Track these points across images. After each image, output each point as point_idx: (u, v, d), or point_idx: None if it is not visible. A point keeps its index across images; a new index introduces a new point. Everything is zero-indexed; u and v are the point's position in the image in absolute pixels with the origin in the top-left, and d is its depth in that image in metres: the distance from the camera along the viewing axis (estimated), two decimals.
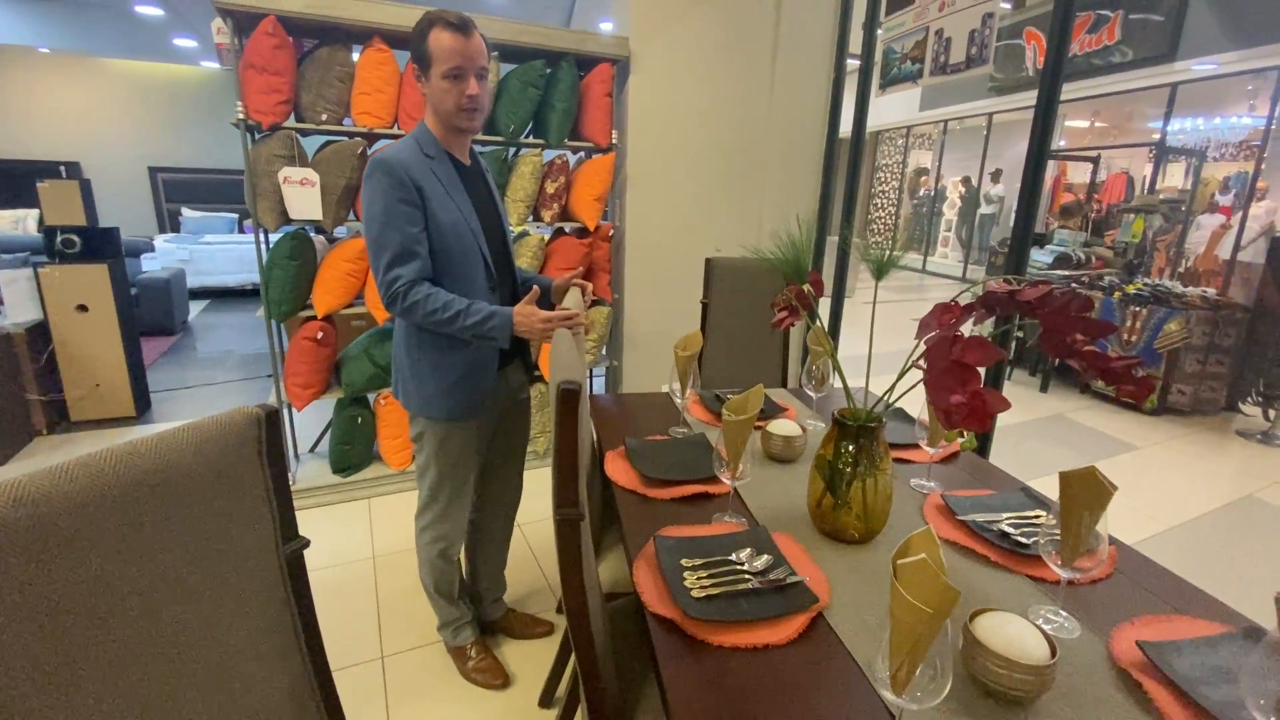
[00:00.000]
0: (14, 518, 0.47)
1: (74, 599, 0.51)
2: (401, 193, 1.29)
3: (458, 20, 1.27)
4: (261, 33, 2.06)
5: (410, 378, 1.45)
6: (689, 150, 2.84)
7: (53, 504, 0.50)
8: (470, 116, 1.34)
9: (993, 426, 1.77)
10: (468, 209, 1.39)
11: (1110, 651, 0.84)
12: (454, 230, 1.36)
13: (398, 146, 1.34)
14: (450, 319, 1.30)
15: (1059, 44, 1.73)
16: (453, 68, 1.28)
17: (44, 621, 0.50)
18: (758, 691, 0.76)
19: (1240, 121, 7.11)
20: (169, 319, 5.24)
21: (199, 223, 7.33)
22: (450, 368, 1.43)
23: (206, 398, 3.78)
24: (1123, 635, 0.87)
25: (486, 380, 1.47)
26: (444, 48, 1.27)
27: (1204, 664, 0.79)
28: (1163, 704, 0.74)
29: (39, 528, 0.49)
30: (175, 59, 7.26)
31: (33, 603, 0.49)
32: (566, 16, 5.75)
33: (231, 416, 0.64)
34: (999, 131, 10.05)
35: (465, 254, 1.38)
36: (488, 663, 1.67)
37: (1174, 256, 7.31)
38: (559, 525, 0.79)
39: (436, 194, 1.34)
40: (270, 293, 2.32)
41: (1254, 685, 0.63)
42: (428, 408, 1.45)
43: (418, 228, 1.31)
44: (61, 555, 0.50)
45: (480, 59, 1.30)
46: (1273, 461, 3.27)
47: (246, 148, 2.21)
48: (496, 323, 1.32)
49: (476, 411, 1.49)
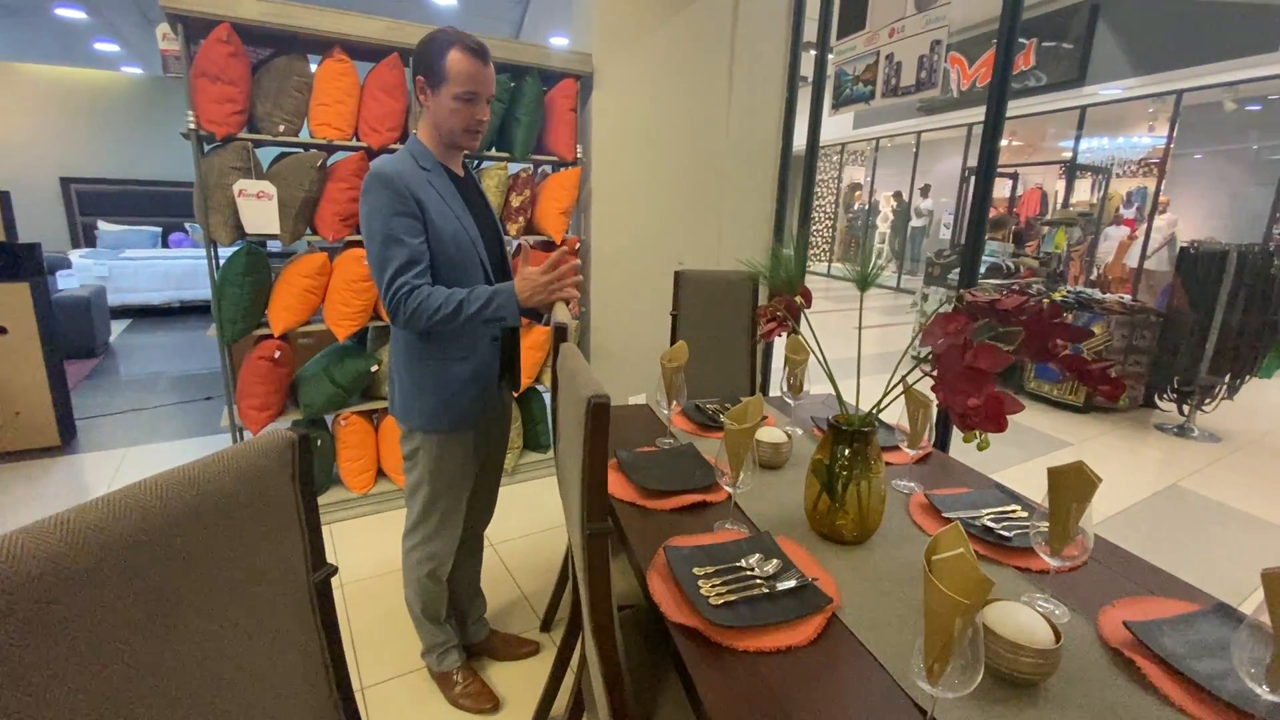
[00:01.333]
0: (66, 554, 0.45)
1: (121, 636, 0.49)
2: (400, 205, 1.28)
3: (477, 46, 1.29)
4: (215, 40, 1.98)
5: (411, 392, 1.42)
6: (651, 164, 2.89)
7: (104, 538, 0.47)
8: (474, 138, 1.37)
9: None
10: (466, 219, 1.39)
11: (1100, 633, 0.91)
12: (455, 240, 1.36)
13: (393, 159, 1.33)
14: (454, 311, 1.28)
15: (1003, 69, 1.87)
16: (467, 91, 1.30)
17: (91, 661, 0.47)
18: (788, 692, 0.79)
19: (1141, 141, 7.78)
20: (90, 340, 4.88)
21: (118, 237, 6.87)
22: (453, 378, 1.42)
23: (140, 424, 3.54)
24: (1109, 617, 0.94)
25: (490, 387, 1.47)
26: (462, 71, 1.28)
27: (1186, 640, 0.87)
28: (1155, 678, 0.81)
29: (90, 564, 0.46)
30: (95, 64, 6.81)
31: (82, 642, 0.46)
32: (516, 29, 5.75)
33: (269, 440, 0.61)
34: (927, 149, 10.63)
35: (467, 263, 1.39)
36: (476, 687, 1.63)
37: (1086, 265, 7.91)
38: (589, 540, 0.79)
39: (435, 205, 1.34)
40: (223, 310, 2.21)
41: (1243, 656, 0.70)
42: (432, 421, 1.42)
43: (419, 239, 1.31)
44: (110, 592, 0.48)
45: (492, 86, 1.34)
46: (1190, 453, 3.58)
47: (198, 159, 2.11)
48: (501, 299, 1.29)
49: (478, 421, 1.48)
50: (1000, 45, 1.87)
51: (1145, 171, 7.90)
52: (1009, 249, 5.70)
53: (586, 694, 1.25)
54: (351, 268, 2.31)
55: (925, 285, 5.48)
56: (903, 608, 0.95)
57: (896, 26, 2.29)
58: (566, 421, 0.98)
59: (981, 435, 0.77)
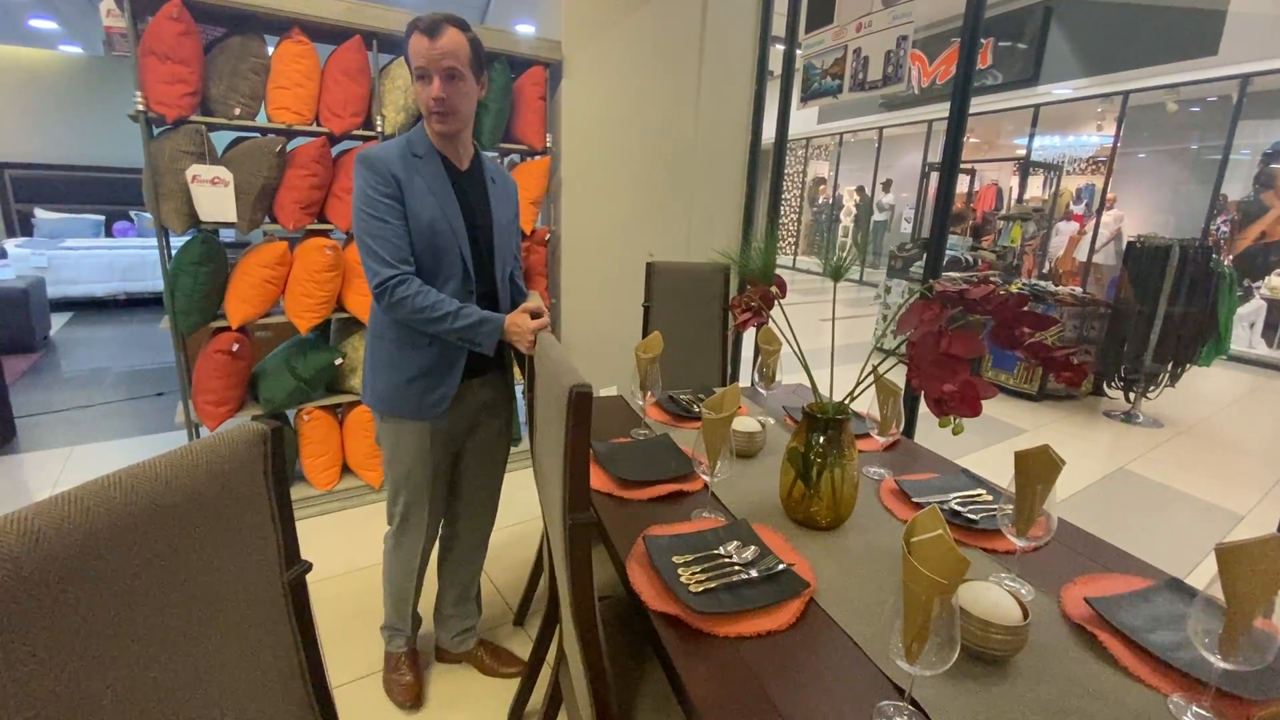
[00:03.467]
0: (24, 555, 0.42)
1: (86, 637, 0.46)
2: (382, 186, 1.29)
3: (428, 23, 1.26)
4: (165, 17, 1.88)
5: (370, 372, 1.44)
6: (621, 155, 2.87)
7: (65, 537, 0.44)
8: (440, 119, 1.31)
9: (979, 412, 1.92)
10: (452, 210, 1.36)
11: (1063, 609, 0.94)
12: (431, 229, 1.33)
13: (386, 143, 1.35)
14: (439, 318, 1.31)
15: (967, 65, 1.91)
16: (418, 68, 1.28)
17: (56, 665, 0.44)
18: (769, 675, 0.80)
19: (1090, 139, 8.08)
20: (28, 334, 4.63)
21: (57, 225, 6.52)
22: (406, 365, 1.39)
23: (84, 422, 3.38)
24: (1071, 594, 0.97)
25: (447, 385, 1.42)
26: (414, 50, 1.27)
27: (1142, 614, 0.91)
28: (1115, 650, 0.84)
29: (51, 563, 0.43)
30: (31, 42, 6.41)
31: (45, 646, 0.43)
32: (480, 15, 5.63)
33: (239, 434, 0.59)
34: (889, 145, 10.85)
35: (442, 254, 1.36)
36: (408, 679, 1.61)
37: (1039, 259, 8.20)
38: (572, 530, 0.79)
39: (417, 191, 1.32)
40: (177, 301, 2.11)
41: (1197, 628, 0.73)
42: (378, 403, 1.44)
43: (401, 221, 1.31)
44: (74, 592, 0.45)
45: (448, 59, 1.27)
46: (1136, 438, 3.75)
47: (147, 142, 2.01)
48: (487, 329, 1.33)
49: (429, 414, 1.43)
50: (964, 43, 1.91)
51: (1094, 169, 8.21)
52: (967, 242, 5.86)
53: (565, 688, 1.25)
54: (313, 258, 2.24)
55: (888, 278, 5.60)
56: (878, 590, 0.97)
57: (864, 21, 2.32)
58: (546, 412, 0.97)
59: (956, 420, 0.79)
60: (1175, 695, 0.77)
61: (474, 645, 1.73)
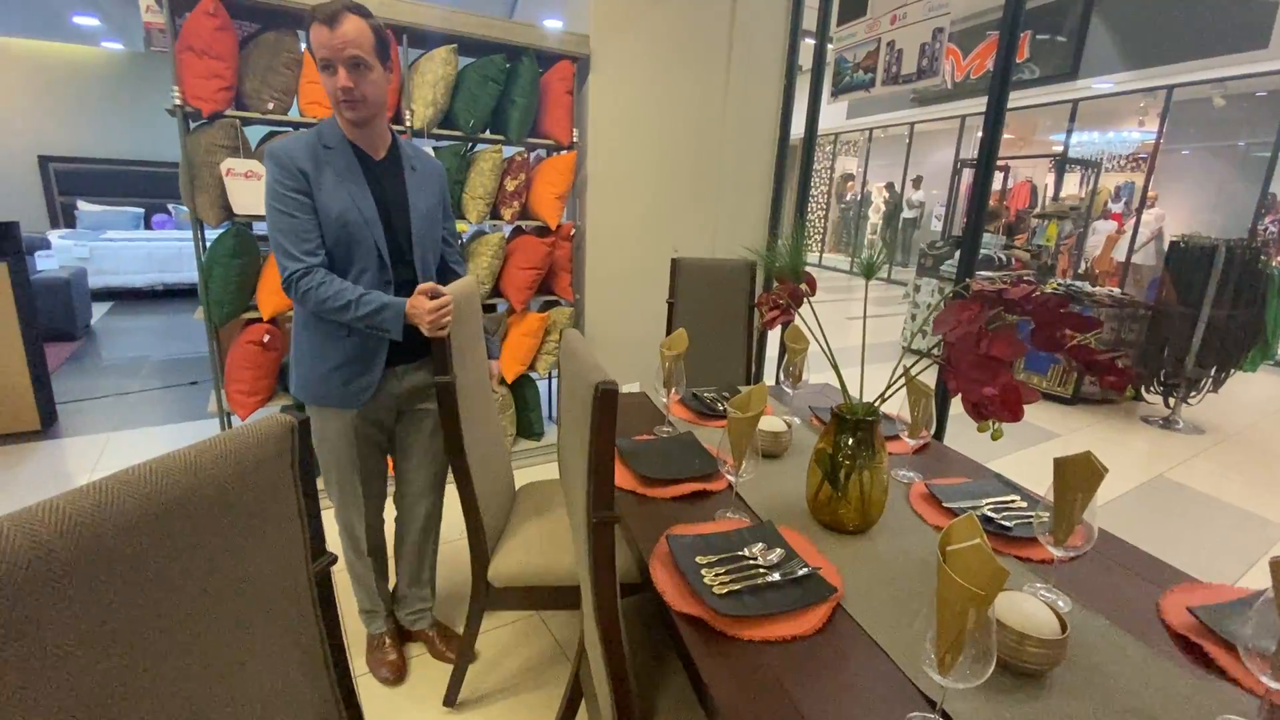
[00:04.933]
0: (58, 541, 0.42)
1: (116, 625, 0.46)
2: (289, 180, 1.29)
3: (326, 13, 1.23)
4: (202, 13, 1.92)
5: (294, 360, 1.46)
6: (648, 150, 2.85)
7: (97, 525, 0.45)
8: (350, 108, 1.29)
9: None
10: (364, 200, 1.35)
11: (1162, 617, 0.92)
12: (342, 219, 1.33)
13: (293, 136, 1.35)
14: (342, 308, 1.31)
15: (1006, 59, 1.85)
16: (322, 59, 1.26)
17: (84, 653, 0.44)
18: (794, 682, 0.78)
19: (1131, 136, 7.82)
20: (70, 323, 4.78)
21: (98, 217, 6.71)
22: (328, 355, 1.41)
23: (123, 409, 3.47)
24: (1170, 601, 0.96)
25: (368, 375, 1.43)
26: (315, 41, 1.25)
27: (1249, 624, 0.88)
28: (1222, 662, 0.82)
29: (84, 551, 0.44)
30: (74, 39, 6.60)
31: (76, 633, 0.44)
32: (509, 9, 5.65)
33: (267, 426, 0.59)
34: (920, 141, 10.63)
35: (355, 244, 1.36)
36: (394, 656, 1.66)
37: (1074, 259, 7.97)
38: (595, 528, 0.78)
39: (326, 184, 1.32)
40: (211, 292, 2.16)
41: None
42: (300, 391, 1.45)
43: (309, 215, 1.31)
44: (105, 580, 0.45)
45: (350, 48, 1.24)
46: (1175, 445, 3.62)
47: (183, 137, 2.05)
48: (389, 314, 1.32)
49: (353, 403, 1.44)
50: (1003, 35, 1.85)
51: (1134, 166, 7.96)
52: (1000, 241, 5.72)
53: (585, 683, 1.24)
54: None
55: (918, 276, 5.49)
56: (907, 598, 0.95)
57: (898, 13, 2.27)
58: (571, 408, 0.97)
59: (995, 424, 0.76)
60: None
61: (427, 626, 1.75)
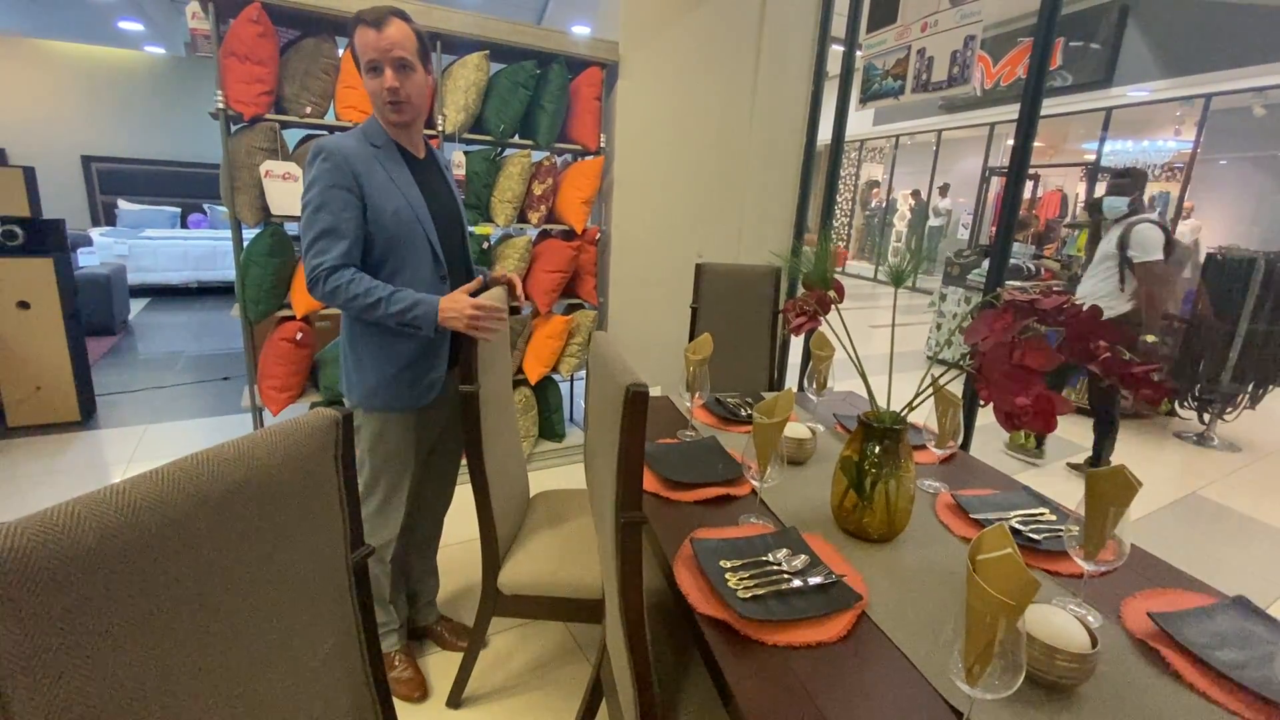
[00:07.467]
0: (122, 525, 0.44)
1: (171, 610, 0.49)
2: (337, 178, 1.27)
3: (373, 16, 1.26)
4: (245, 19, 1.98)
5: (354, 369, 1.42)
6: (674, 155, 2.87)
7: (155, 512, 0.47)
8: (396, 109, 1.31)
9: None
10: (415, 198, 1.37)
11: (1123, 624, 0.90)
12: (397, 218, 1.33)
13: (341, 135, 1.34)
14: (372, 304, 1.28)
15: (1040, 66, 1.84)
16: (368, 61, 1.27)
17: (141, 632, 0.47)
18: (819, 688, 0.78)
19: (1167, 145, 7.65)
20: (109, 318, 4.93)
21: (138, 216, 6.93)
22: (394, 357, 1.39)
23: (158, 402, 3.57)
24: (1132, 607, 0.93)
25: (436, 370, 1.43)
26: (361, 44, 1.27)
27: (1205, 630, 0.86)
28: (1180, 669, 0.80)
29: (145, 535, 0.46)
30: (118, 43, 6.83)
31: (136, 612, 0.46)
32: (538, 17, 5.72)
33: (313, 419, 0.61)
34: (947, 148, 10.50)
35: (410, 242, 1.36)
36: (409, 673, 1.60)
37: None
38: (624, 529, 0.79)
39: (379, 182, 1.32)
40: (247, 290, 2.22)
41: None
42: (369, 399, 1.41)
43: (351, 213, 1.29)
44: (162, 564, 0.48)
45: (397, 49, 1.26)
46: (1209, 461, 3.53)
47: (225, 139, 2.11)
48: (420, 311, 1.29)
49: (419, 401, 1.43)
50: (1037, 42, 1.83)
51: (1169, 176, 7.77)
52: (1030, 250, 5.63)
53: (606, 682, 1.25)
54: None
55: (944, 285, 5.42)
56: (933, 607, 0.94)
57: (929, 20, 2.26)
58: (600, 410, 0.98)
59: (1028, 435, 0.76)
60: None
61: (434, 620, 1.75)
